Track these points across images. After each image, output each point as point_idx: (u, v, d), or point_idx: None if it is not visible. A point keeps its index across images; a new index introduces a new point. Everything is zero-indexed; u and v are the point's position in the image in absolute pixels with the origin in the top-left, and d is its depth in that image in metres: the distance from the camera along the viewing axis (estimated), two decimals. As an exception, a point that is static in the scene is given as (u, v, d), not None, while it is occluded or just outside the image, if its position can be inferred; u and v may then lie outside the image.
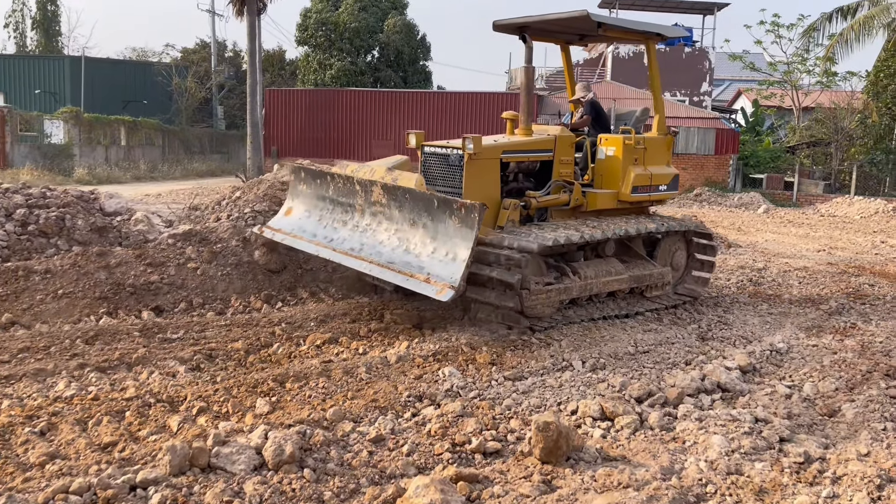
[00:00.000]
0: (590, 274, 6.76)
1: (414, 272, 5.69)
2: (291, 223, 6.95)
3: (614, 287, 7.03)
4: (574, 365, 5.50)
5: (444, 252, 5.67)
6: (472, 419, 4.28)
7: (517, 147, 7.01)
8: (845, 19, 27.29)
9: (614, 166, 7.40)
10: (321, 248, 6.46)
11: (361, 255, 6.13)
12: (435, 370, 5.22)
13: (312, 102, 29.87)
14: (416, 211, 5.94)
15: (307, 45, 33.88)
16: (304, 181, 7.07)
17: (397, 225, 6.11)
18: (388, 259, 5.94)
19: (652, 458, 3.94)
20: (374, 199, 6.28)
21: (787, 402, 4.90)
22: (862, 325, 7.12)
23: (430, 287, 5.50)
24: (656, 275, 7.41)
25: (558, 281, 6.54)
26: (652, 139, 7.76)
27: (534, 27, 7.49)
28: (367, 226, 6.35)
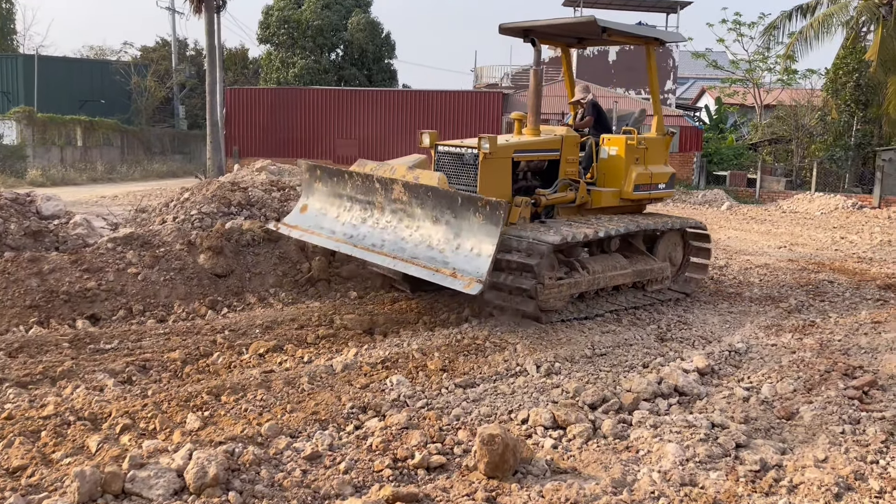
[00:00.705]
0: (597, 269, 6.97)
1: (439, 267, 5.83)
2: (307, 220, 7.05)
3: (619, 281, 7.23)
4: (528, 370, 5.30)
5: (469, 248, 5.80)
6: (417, 431, 4.05)
7: (527, 146, 7.24)
8: (805, 17, 27.62)
9: (617, 165, 7.70)
10: (342, 245, 6.56)
11: (384, 251, 6.24)
12: (383, 378, 4.99)
13: (275, 101, 29.41)
14: (439, 208, 6.06)
15: (269, 44, 33.36)
16: (320, 179, 7.13)
17: (419, 222, 6.22)
18: (412, 254, 6.06)
19: (603, 469, 3.76)
20: (394, 196, 6.38)
21: (745, 405, 4.76)
22: (821, 322, 7.05)
23: (457, 281, 5.64)
24: (657, 269, 7.65)
25: (568, 276, 6.71)
26: (652, 139, 8.04)
27: (538, 31, 7.81)
28: (387, 223, 6.44)
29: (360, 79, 33.82)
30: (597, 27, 7.33)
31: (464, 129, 29.21)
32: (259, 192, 8.75)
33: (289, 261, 7.67)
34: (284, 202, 8.78)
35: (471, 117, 29.21)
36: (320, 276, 7.59)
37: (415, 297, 7.35)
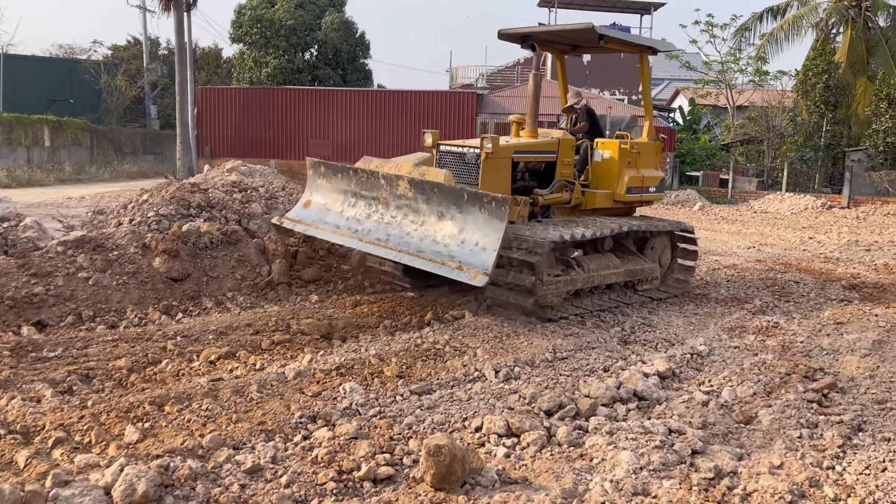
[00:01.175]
0: (592, 267, 7.20)
1: (445, 260, 6.03)
2: (311, 215, 7.20)
3: (612, 280, 7.47)
4: (486, 375, 5.20)
5: (475, 242, 5.99)
6: (365, 442, 3.92)
7: (527, 148, 7.53)
8: (775, 19, 27.89)
9: (611, 168, 8.02)
10: (347, 239, 6.76)
11: (389, 245, 6.42)
12: (336, 386, 4.85)
13: (247, 101, 29.08)
14: (445, 204, 6.24)
15: (242, 43, 32.97)
16: (324, 175, 7.27)
17: (424, 217, 6.39)
18: (417, 248, 6.25)
19: (555, 479, 3.65)
20: (399, 192, 6.55)
21: (704, 409, 4.69)
22: (784, 323, 7.03)
23: (463, 274, 5.87)
24: (647, 270, 7.90)
25: (565, 273, 6.92)
26: (643, 144, 8.34)
27: (537, 37, 8.14)
28: (392, 218, 6.61)
29: (335, 79, 33.56)
30: (595, 35, 7.61)
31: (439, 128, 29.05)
32: (220, 193, 8.56)
33: (248, 264, 7.50)
34: (246, 203, 8.60)
35: (446, 117, 29.10)
36: (280, 280, 7.43)
37: (378, 300, 7.23)
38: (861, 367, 5.53)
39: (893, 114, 23.09)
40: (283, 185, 9.58)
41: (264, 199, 8.92)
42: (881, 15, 26.44)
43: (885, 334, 6.54)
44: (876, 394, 4.98)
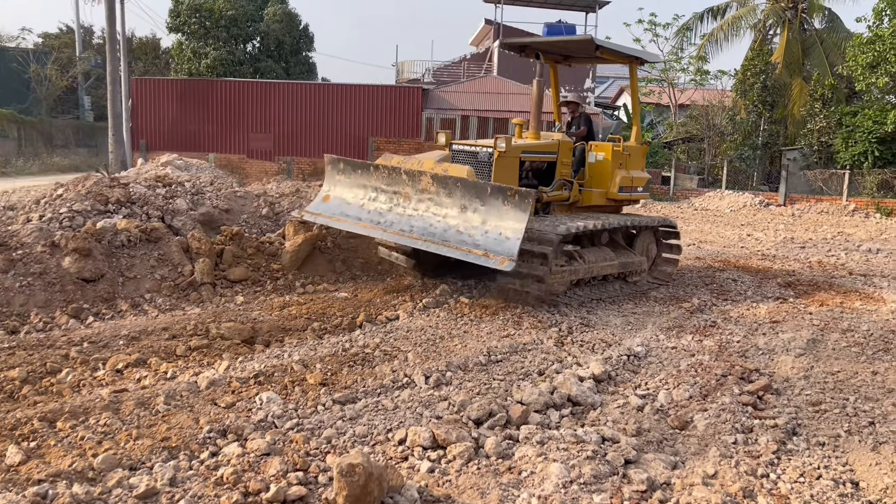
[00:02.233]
0: (591, 259, 7.82)
1: (471, 248, 6.48)
2: (332, 208, 7.59)
3: (608, 271, 8.08)
4: (416, 381, 4.93)
5: (499, 232, 6.43)
6: (278, 458, 3.62)
7: (532, 148, 8.08)
8: (715, 19, 28.37)
9: (604, 169, 8.61)
10: (370, 230, 7.20)
11: (413, 235, 6.85)
12: (252, 396, 4.52)
13: (185, 93, 28.18)
14: (468, 197, 6.69)
15: (180, 33, 31.96)
16: (343, 171, 7.69)
17: (447, 210, 6.82)
18: (442, 238, 6.68)
19: (480, 496, 3.42)
20: (422, 187, 6.98)
21: (639, 415, 4.53)
22: (722, 323, 6.97)
23: (490, 260, 6.33)
24: (637, 262, 8.55)
25: (569, 264, 7.48)
26: (632, 147, 8.95)
27: (535, 47, 8.84)
28: (414, 210, 7.02)
29: (277, 71, 32.85)
30: (592, 46, 8.38)
31: (384, 124, 28.75)
32: (142, 188, 8.10)
33: (169, 263, 7.08)
34: (170, 199, 8.16)
35: (391, 112, 28.76)
36: (204, 280, 7.04)
37: (309, 301, 6.91)
38: (796, 368, 5.48)
39: (827, 114, 23.73)
40: (210, 179, 9.13)
41: (190, 194, 8.49)
42: (816, 17, 27.17)
43: (819, 333, 6.53)
44: (810, 395, 4.91)
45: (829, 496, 3.51)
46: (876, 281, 9.54)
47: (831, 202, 21.68)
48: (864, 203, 21.02)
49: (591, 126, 9.27)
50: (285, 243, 8.04)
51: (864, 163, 21.93)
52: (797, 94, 25.37)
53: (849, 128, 22.51)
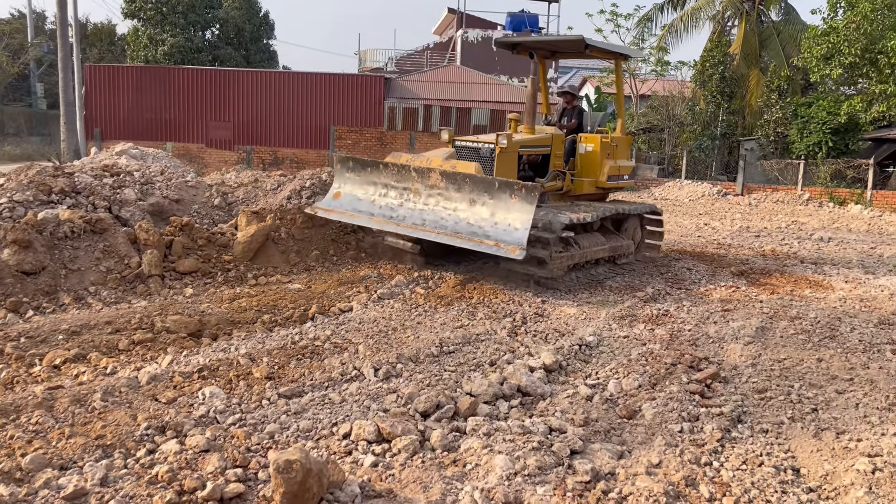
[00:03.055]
0: (586, 244, 8.35)
1: (482, 239, 7.01)
2: (343, 204, 8.04)
3: (601, 255, 8.70)
4: (365, 374, 4.87)
5: (508, 223, 6.95)
6: (216, 455, 3.52)
7: (529, 143, 8.62)
8: (675, 11, 28.62)
9: (594, 159, 9.14)
10: (384, 224, 7.70)
11: (426, 228, 7.35)
12: (195, 391, 4.41)
13: (141, 80, 27.55)
14: (476, 192, 7.19)
15: (136, 19, 31.19)
16: (352, 169, 8.14)
17: (457, 204, 7.32)
18: (454, 230, 7.22)
19: (423, 490, 3.38)
20: (431, 183, 7.46)
21: (588, 405, 4.52)
22: (675, 311, 7.02)
23: (502, 250, 6.89)
24: (625, 246, 9.17)
25: (567, 250, 7.97)
26: (619, 138, 9.49)
27: (527, 45, 9.45)
28: (424, 205, 7.50)
29: (237, 59, 32.30)
30: (583, 44, 8.86)
31: (346, 113, 28.46)
32: (87, 178, 7.86)
33: (115, 255, 6.88)
34: (118, 189, 7.94)
35: (352, 101, 28.49)
36: (152, 272, 6.86)
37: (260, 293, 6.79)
38: (744, 356, 5.54)
39: (783, 105, 24.13)
40: (161, 169, 8.90)
41: (139, 184, 8.27)
42: (773, 9, 27.57)
43: (769, 321, 6.62)
44: (757, 382, 4.96)
45: (770, 483, 3.54)
46: (826, 269, 9.72)
47: (787, 192, 22.08)
48: (818, 192, 21.45)
49: (582, 119, 9.77)
50: (237, 234, 7.89)
51: (818, 153, 22.36)
52: (754, 85, 25.74)
53: (804, 119, 22.92)
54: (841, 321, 6.66)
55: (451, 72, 31.43)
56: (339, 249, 8.75)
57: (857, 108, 20.08)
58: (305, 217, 8.53)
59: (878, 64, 18.97)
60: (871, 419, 4.30)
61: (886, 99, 19.16)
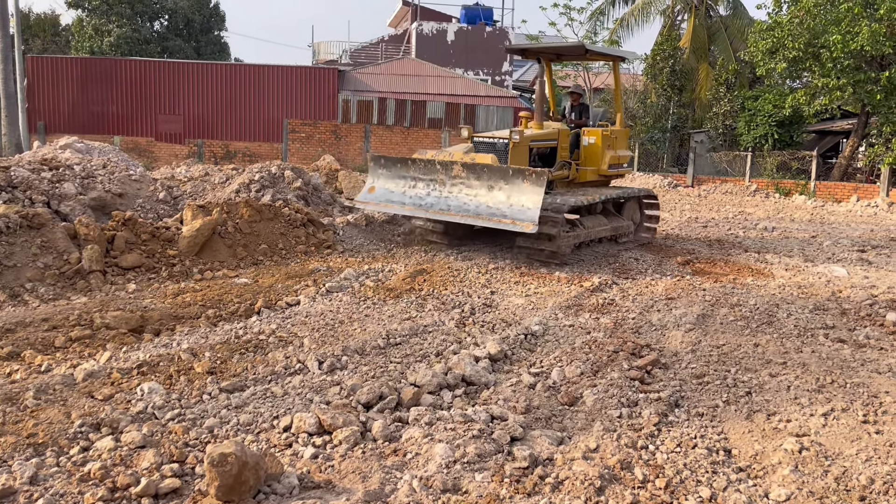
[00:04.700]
0: (589, 225, 9.49)
1: (500, 218, 8.13)
2: (378, 197, 9.11)
3: (603, 234, 9.88)
4: (309, 367, 4.85)
5: (521, 204, 8.02)
6: (152, 451, 3.47)
7: (539, 137, 9.67)
8: (626, 4, 28.98)
9: (596, 150, 10.24)
10: (415, 210, 8.79)
11: (451, 213, 8.48)
12: (133, 387, 4.34)
13: (87, 72, 26.82)
14: (493, 179, 8.29)
15: (80, 9, 30.33)
16: (384, 166, 9.19)
17: (476, 191, 8.40)
18: (476, 212, 8.33)
19: (362, 480, 3.38)
20: (454, 173, 8.55)
21: (530, 392, 4.58)
22: (620, 300, 7.14)
23: (517, 226, 8.01)
24: (625, 226, 10.34)
25: (573, 230, 9.08)
26: (618, 131, 10.66)
27: (533, 50, 10.94)
28: (449, 192, 8.56)
29: (188, 51, 31.68)
30: (583, 50, 10.52)
31: (299, 106, 28.16)
32: (24, 171, 7.64)
33: (54, 250, 6.71)
34: (57, 183, 7.74)
35: (306, 94, 28.20)
36: (93, 268, 6.72)
37: (205, 288, 6.69)
38: (684, 342, 5.67)
39: (731, 98, 24.66)
40: (103, 162, 8.69)
41: (80, 178, 8.07)
42: (721, 4, 28.14)
43: (710, 308, 6.78)
44: (695, 368, 5.09)
45: (702, 464, 3.64)
46: (768, 257, 9.99)
47: (735, 183, 22.59)
48: (765, 184, 22.00)
49: (587, 115, 10.94)
50: (183, 228, 7.76)
51: (764, 145, 22.92)
52: (704, 78, 26.26)
53: (751, 111, 23.47)
54: (779, 307, 6.86)
55: (405, 64, 31.34)
56: (289, 243, 8.68)
57: (800, 101, 20.62)
58: (253, 210, 8.44)
59: (821, 58, 19.49)
60: (800, 401, 4.45)
61: (829, 92, 19.70)
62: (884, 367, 5.17)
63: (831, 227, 14.09)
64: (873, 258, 10.15)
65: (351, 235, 9.80)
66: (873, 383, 4.78)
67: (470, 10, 36.65)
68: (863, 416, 4.21)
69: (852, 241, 11.64)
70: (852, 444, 3.86)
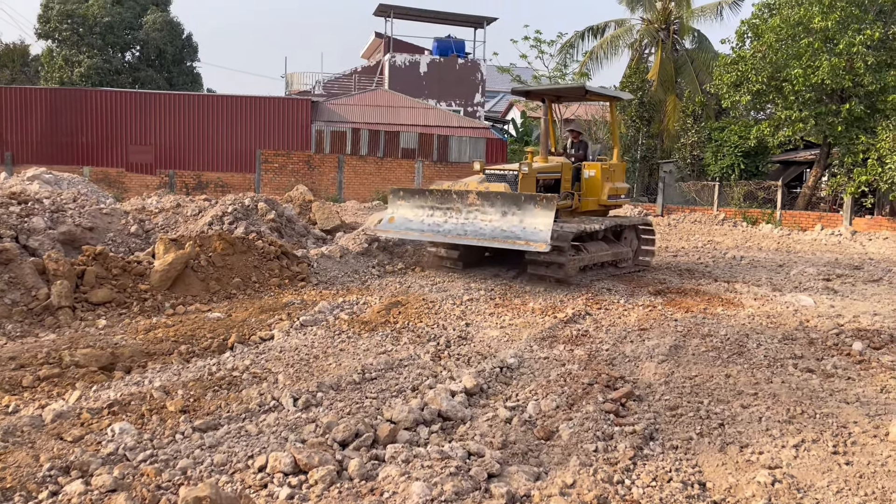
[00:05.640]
0: (593, 250, 10.39)
1: (514, 240, 8.85)
2: (398, 226, 9.89)
3: (605, 259, 10.69)
4: (284, 404, 4.81)
5: (534, 227, 8.78)
6: (124, 494, 3.41)
7: (544, 169, 10.66)
8: (596, 38, 29.60)
9: (596, 182, 11.18)
10: (436, 236, 9.53)
11: (468, 237, 9.20)
12: (104, 427, 4.26)
13: (56, 103, 26.59)
14: (507, 205, 9.08)
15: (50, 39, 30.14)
16: (402, 197, 10.02)
17: (491, 216, 9.17)
18: (491, 235, 9.04)
19: (338, 520, 3.35)
20: (469, 202, 9.35)
21: (507, 427, 4.59)
22: (594, 332, 7.20)
23: (530, 246, 8.75)
24: (624, 252, 11.17)
25: (578, 254, 9.94)
26: (616, 165, 11.69)
27: (537, 92, 12.19)
28: (465, 219, 9.34)
29: (159, 81, 31.58)
30: (583, 91, 11.47)
31: (272, 136, 28.15)
32: (-8, 206, 7.52)
33: (21, 286, 6.60)
34: (25, 218, 7.63)
35: (279, 124, 28.23)
36: (62, 304, 6.61)
37: (178, 323, 6.61)
38: (658, 374, 5.72)
39: (698, 129, 25.21)
40: (73, 196, 8.60)
41: (49, 211, 7.98)
42: (687, 38, 28.85)
43: (682, 339, 6.87)
44: (669, 400, 5.14)
45: (678, 498, 3.66)
46: (737, 287, 10.16)
47: (704, 212, 23.00)
48: (733, 213, 22.43)
49: (586, 150, 11.93)
50: (155, 262, 7.68)
51: (731, 175, 23.41)
52: (671, 110, 26.81)
53: (717, 142, 23.99)
54: (749, 337, 6.97)
55: (379, 95, 31.57)
56: (262, 276, 8.63)
57: (765, 132, 21.15)
58: (226, 243, 8.39)
59: (784, 91, 20.05)
60: (772, 432, 4.52)
61: (792, 124, 20.25)
62: (851, 396, 5.27)
63: (797, 256, 14.38)
64: (838, 287, 10.38)
65: (325, 267, 9.77)
66: (842, 413, 4.87)
67: (442, 42, 37.14)
68: (833, 447, 4.28)
69: (818, 269, 11.89)
70: (823, 476, 3.92)
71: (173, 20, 31.72)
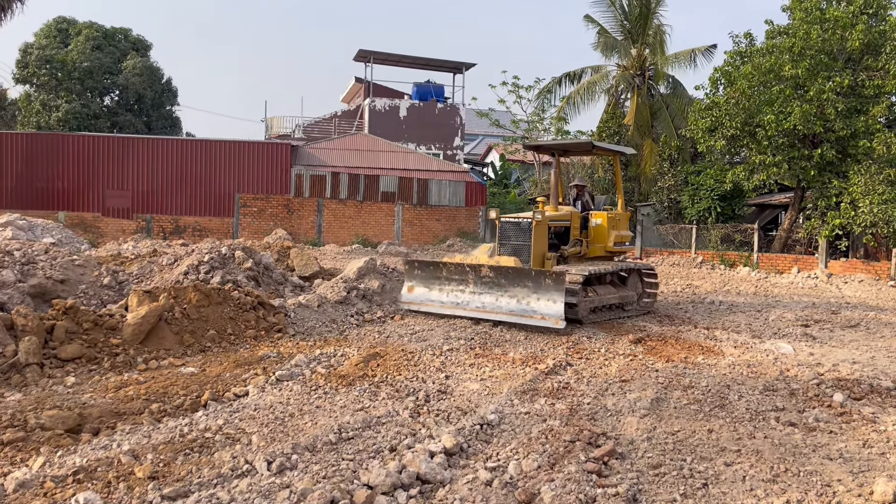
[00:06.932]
0: (601, 293, 11.11)
1: (530, 314, 9.52)
2: (417, 297, 10.64)
3: (613, 301, 11.41)
4: (257, 467, 4.65)
5: (547, 301, 9.45)
6: (85, 574, 3.24)
7: (555, 218, 11.56)
8: (573, 83, 30.10)
9: (602, 230, 12.04)
10: (454, 310, 10.14)
11: (486, 310, 9.89)
12: (67, 497, 4.08)
13: (32, 148, 26.39)
14: (519, 279, 9.68)
15: (28, 84, 30.07)
16: (419, 268, 10.72)
17: (504, 290, 9.84)
18: (508, 310, 9.71)
19: None
20: (482, 275, 10.01)
21: (487, 490, 4.47)
22: (574, 384, 7.12)
23: (546, 322, 9.37)
24: (630, 295, 11.94)
25: (588, 296, 10.64)
26: (620, 214, 12.59)
27: (546, 147, 13.93)
28: (480, 292, 10.05)
29: (138, 126, 31.52)
30: (591, 146, 12.53)
31: (251, 180, 28.11)
32: (-40, 259, 7.35)
33: (-12, 344, 6.40)
34: (-5, 271, 7.45)
35: (259, 168, 28.22)
36: (30, 360, 6.42)
37: (150, 379, 6.44)
38: (640, 429, 5.64)
39: (675, 173, 25.55)
40: (45, 247, 8.44)
41: (20, 264, 7.81)
42: (662, 83, 29.44)
43: (664, 391, 6.81)
44: (652, 457, 5.05)
45: (663, 568, 3.56)
46: (717, 334, 10.16)
47: (682, 255, 23.18)
48: (710, 255, 22.62)
49: (592, 201, 12.81)
50: (127, 315, 7.52)
51: (708, 218, 23.68)
52: (648, 153, 27.20)
53: (694, 186, 24.32)
54: (730, 388, 6.93)
55: (359, 140, 31.74)
56: (238, 328, 8.49)
57: (740, 176, 21.49)
58: (201, 294, 8.26)
59: (757, 136, 20.44)
60: (756, 492, 4.44)
61: (766, 168, 20.60)
62: (834, 452, 5.23)
63: (775, 300, 14.47)
64: (817, 333, 10.42)
65: (302, 317, 9.64)
66: (825, 471, 4.81)
67: (421, 87, 37.57)
68: (818, 508, 4.21)
69: (796, 315, 11.95)
70: (810, 541, 3.84)
71: (153, 65, 31.83)
